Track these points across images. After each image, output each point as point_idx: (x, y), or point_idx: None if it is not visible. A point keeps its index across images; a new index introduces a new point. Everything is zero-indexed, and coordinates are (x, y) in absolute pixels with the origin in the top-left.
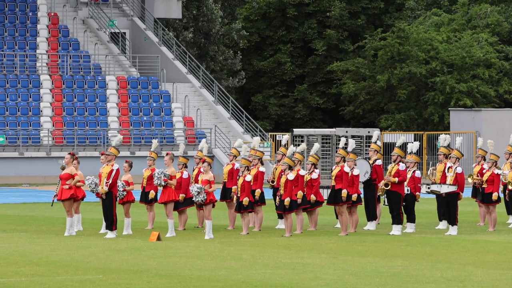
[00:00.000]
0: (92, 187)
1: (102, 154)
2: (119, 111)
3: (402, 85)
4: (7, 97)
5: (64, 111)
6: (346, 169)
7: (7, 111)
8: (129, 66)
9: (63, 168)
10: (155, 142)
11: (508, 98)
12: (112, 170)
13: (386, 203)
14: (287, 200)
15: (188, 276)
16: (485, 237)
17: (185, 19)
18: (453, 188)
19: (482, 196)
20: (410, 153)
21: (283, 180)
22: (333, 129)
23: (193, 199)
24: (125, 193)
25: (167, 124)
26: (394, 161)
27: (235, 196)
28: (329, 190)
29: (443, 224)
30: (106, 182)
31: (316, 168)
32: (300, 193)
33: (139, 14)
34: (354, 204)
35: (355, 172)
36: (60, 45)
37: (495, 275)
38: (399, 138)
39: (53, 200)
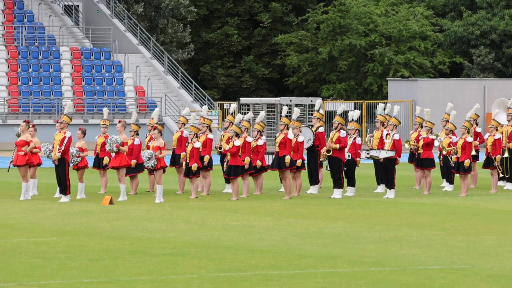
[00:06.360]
0: (47, 153)
1: (57, 122)
2: (72, 81)
3: (343, 56)
4: None
5: (19, 81)
6: (290, 136)
7: None
8: (82, 38)
9: (18, 135)
10: (106, 110)
11: (442, 69)
12: (64, 137)
13: (328, 168)
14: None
15: (139, 238)
16: (420, 200)
17: None
18: (391, 154)
19: (418, 160)
20: (351, 120)
21: (230, 145)
22: (278, 98)
23: (144, 164)
24: (79, 159)
25: (119, 93)
26: (336, 129)
27: (184, 162)
28: (274, 156)
29: (381, 188)
30: (59, 149)
31: (262, 135)
32: (247, 159)
33: None
34: (299, 169)
35: (300, 139)
36: (15, 17)
37: (429, 236)
38: (339, 106)
39: (9, 166)
